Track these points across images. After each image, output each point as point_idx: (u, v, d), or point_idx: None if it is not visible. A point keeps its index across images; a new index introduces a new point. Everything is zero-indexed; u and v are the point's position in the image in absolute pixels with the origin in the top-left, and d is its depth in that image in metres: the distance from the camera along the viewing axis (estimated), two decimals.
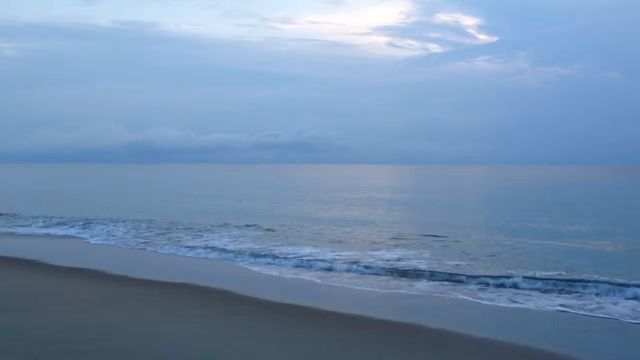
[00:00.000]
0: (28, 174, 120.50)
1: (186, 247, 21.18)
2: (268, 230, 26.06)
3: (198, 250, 20.37)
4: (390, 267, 16.75)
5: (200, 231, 25.55)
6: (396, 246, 21.17)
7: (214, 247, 21.02)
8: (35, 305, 11.18)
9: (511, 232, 25.02)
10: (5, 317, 10.06)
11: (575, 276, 14.80)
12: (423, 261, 17.75)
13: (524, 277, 14.58)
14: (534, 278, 14.56)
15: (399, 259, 18.11)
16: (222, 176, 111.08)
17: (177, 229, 26.51)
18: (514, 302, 12.72)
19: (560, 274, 15.05)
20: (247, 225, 27.54)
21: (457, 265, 17.01)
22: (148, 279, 15.09)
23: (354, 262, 17.38)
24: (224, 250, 20.35)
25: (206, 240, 22.70)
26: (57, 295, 12.48)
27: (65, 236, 25.07)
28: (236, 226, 27.43)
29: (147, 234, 24.80)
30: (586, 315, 11.65)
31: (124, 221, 28.94)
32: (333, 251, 19.84)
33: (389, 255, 18.82)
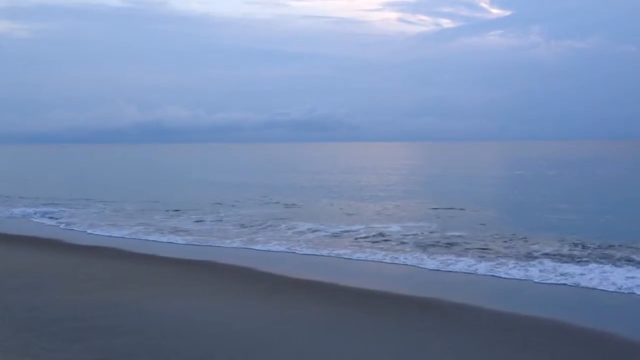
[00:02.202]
0: (35, 155, 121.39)
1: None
2: (287, 205, 25.99)
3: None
4: (400, 240, 16.72)
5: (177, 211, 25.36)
6: (406, 219, 21.09)
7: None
8: (50, 283, 11.12)
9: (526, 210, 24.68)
10: (21, 294, 10.03)
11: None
12: (435, 235, 17.66)
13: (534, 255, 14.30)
14: (532, 257, 14.17)
15: (407, 232, 18.04)
16: (242, 157, 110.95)
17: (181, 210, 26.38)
18: (526, 275, 12.47)
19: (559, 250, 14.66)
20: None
21: (461, 236, 17.17)
22: (165, 257, 15.03)
23: (359, 237, 17.24)
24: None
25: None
26: (72, 273, 12.42)
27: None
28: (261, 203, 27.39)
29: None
30: (598, 289, 11.38)
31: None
32: (329, 224, 19.75)
33: (395, 228, 18.82)
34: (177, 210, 24.84)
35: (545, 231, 18.03)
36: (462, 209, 23.76)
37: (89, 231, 19.81)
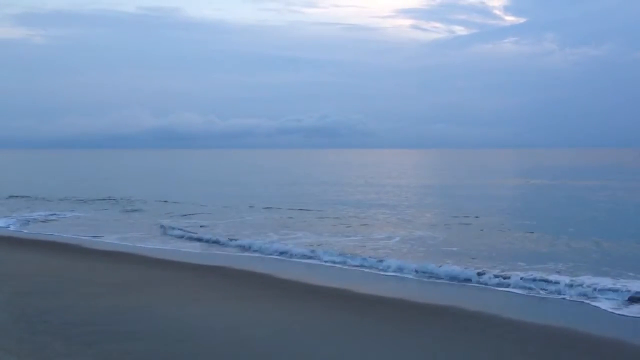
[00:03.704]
0: (49, 160, 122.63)
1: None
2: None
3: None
4: (408, 248, 16.62)
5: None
6: (416, 228, 20.95)
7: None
8: (65, 288, 11.17)
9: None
10: (36, 299, 10.09)
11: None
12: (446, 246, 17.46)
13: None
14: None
15: (414, 241, 17.87)
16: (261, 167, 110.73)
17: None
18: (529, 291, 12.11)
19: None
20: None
21: (467, 246, 16.93)
22: (177, 261, 15.11)
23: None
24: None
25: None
26: (87, 278, 12.48)
27: None
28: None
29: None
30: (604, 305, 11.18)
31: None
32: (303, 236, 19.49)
33: (401, 237, 18.66)
34: (185, 215, 25.19)
35: (555, 243, 17.66)
36: (474, 218, 23.40)
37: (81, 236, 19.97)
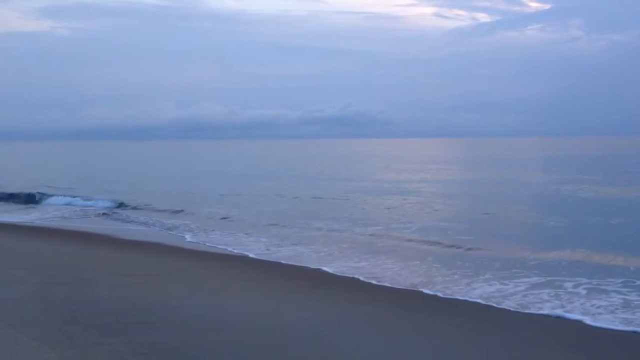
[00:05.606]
0: (75, 151, 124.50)
1: None
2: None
3: None
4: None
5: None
6: (439, 220, 20.81)
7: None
8: (96, 279, 11.36)
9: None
10: (67, 289, 10.29)
11: None
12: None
13: None
14: None
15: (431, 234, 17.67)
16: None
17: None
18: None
19: None
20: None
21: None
22: (204, 251, 15.28)
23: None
24: None
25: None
26: (116, 268, 12.69)
27: None
28: None
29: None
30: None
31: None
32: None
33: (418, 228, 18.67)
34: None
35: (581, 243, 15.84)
36: (499, 213, 22.67)
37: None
